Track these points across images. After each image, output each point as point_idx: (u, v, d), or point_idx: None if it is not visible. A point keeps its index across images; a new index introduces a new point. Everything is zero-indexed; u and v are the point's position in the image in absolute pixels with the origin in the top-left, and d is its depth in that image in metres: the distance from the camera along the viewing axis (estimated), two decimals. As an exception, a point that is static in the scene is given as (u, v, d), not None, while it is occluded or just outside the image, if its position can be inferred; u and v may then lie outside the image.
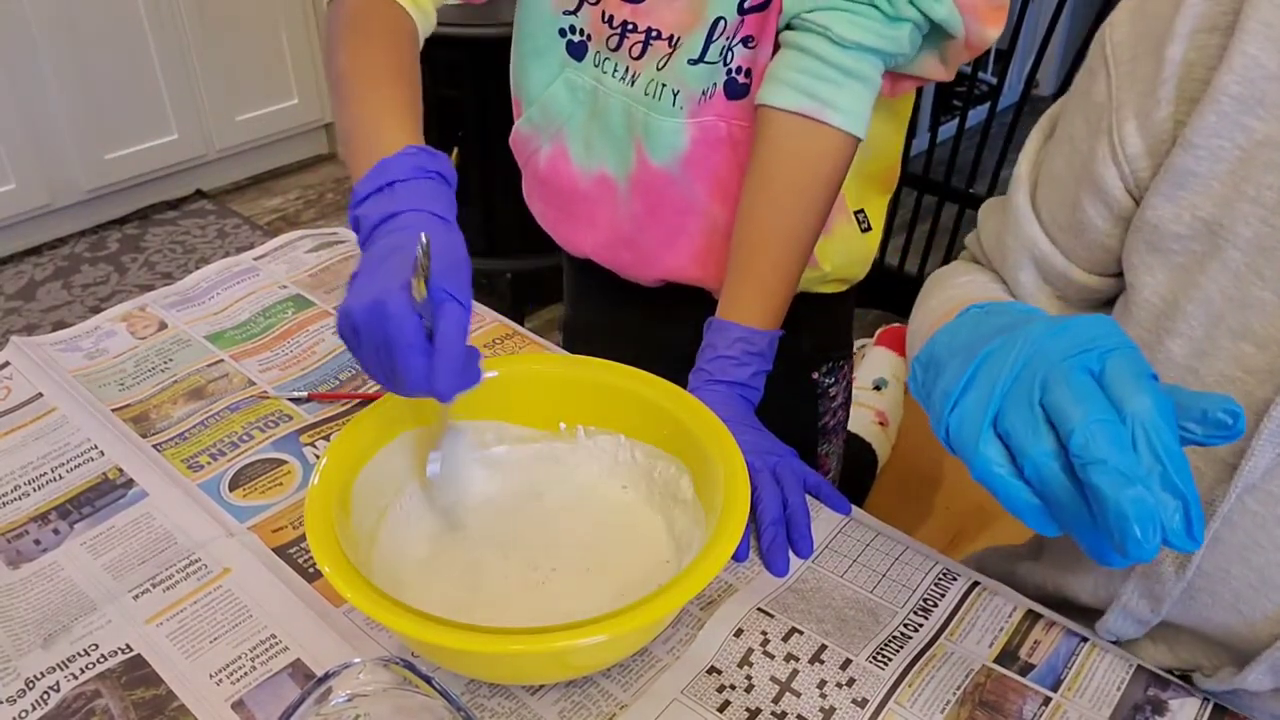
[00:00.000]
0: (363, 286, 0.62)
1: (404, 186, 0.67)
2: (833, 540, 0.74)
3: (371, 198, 0.68)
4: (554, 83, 0.91)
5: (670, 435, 0.71)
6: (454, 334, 0.60)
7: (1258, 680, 0.60)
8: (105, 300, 2.46)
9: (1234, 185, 0.55)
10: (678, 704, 0.62)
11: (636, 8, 0.84)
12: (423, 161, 0.69)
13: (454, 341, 0.60)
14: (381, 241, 0.65)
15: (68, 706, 0.62)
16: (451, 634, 0.54)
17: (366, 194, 0.68)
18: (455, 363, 0.60)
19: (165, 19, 2.60)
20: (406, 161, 0.68)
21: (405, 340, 0.59)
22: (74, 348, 0.96)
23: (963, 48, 0.81)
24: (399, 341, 0.59)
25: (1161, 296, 0.59)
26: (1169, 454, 0.41)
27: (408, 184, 0.67)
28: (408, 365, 0.59)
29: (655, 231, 0.92)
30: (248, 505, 0.78)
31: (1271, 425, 0.54)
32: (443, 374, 0.59)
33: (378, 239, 0.66)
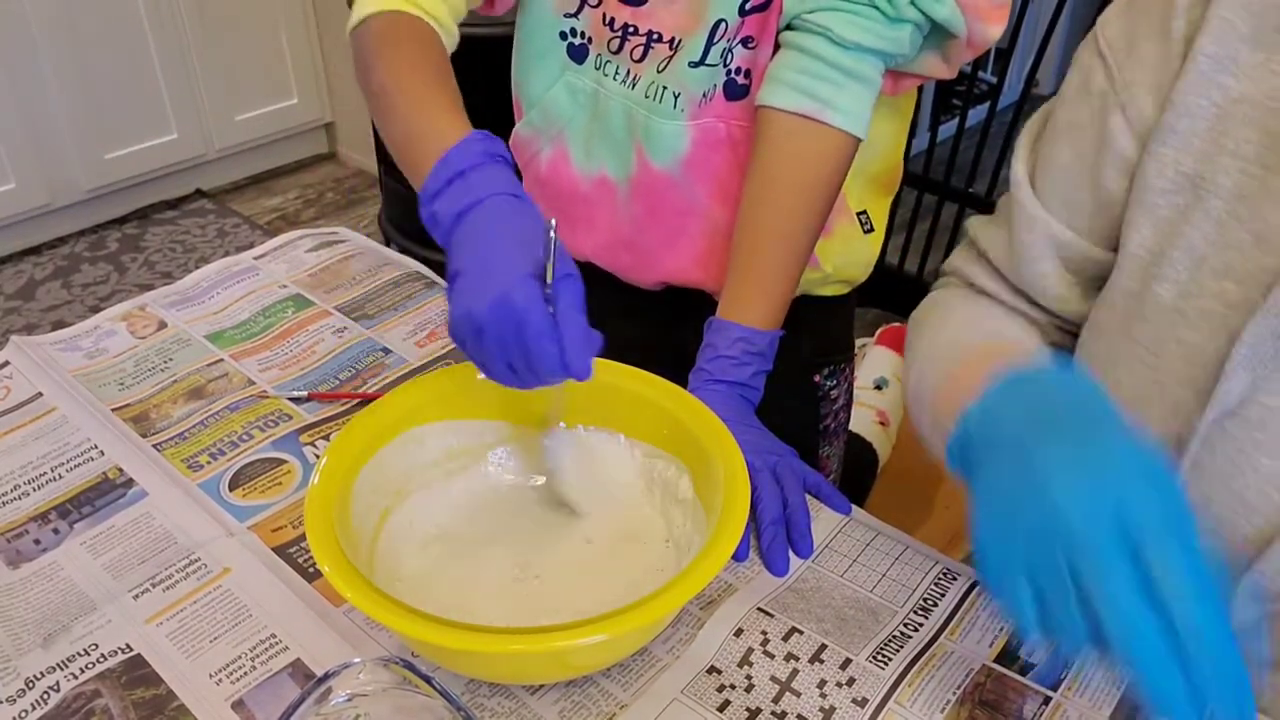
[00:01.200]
0: (480, 283, 0.62)
1: (476, 174, 0.67)
2: (833, 540, 0.74)
3: (444, 192, 0.67)
4: (555, 85, 0.91)
5: (670, 435, 0.71)
6: (579, 310, 0.61)
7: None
8: (105, 300, 2.46)
9: (1213, 140, 0.59)
10: (678, 704, 0.62)
11: (637, 10, 0.84)
12: (488, 146, 0.68)
13: (579, 317, 0.61)
14: (474, 234, 0.65)
15: (67, 706, 0.62)
16: (451, 634, 0.54)
17: (437, 189, 0.67)
18: (584, 339, 0.61)
19: (165, 18, 2.60)
20: (473, 148, 0.68)
21: (537, 329, 0.59)
22: (74, 347, 0.96)
23: (965, 46, 0.81)
24: (531, 330, 0.59)
25: (1148, 249, 0.63)
26: (1215, 658, 0.44)
27: (480, 170, 0.67)
28: (542, 352, 0.59)
29: (656, 234, 0.92)
30: (247, 505, 0.78)
31: (1244, 350, 0.57)
32: (576, 352, 0.60)
33: (466, 230, 0.65)
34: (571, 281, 0.61)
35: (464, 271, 0.63)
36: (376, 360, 0.93)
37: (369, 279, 1.05)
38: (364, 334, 0.97)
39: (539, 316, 0.59)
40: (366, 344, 0.95)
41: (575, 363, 0.60)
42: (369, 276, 1.06)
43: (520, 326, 0.59)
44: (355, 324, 0.98)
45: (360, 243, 1.12)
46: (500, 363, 0.62)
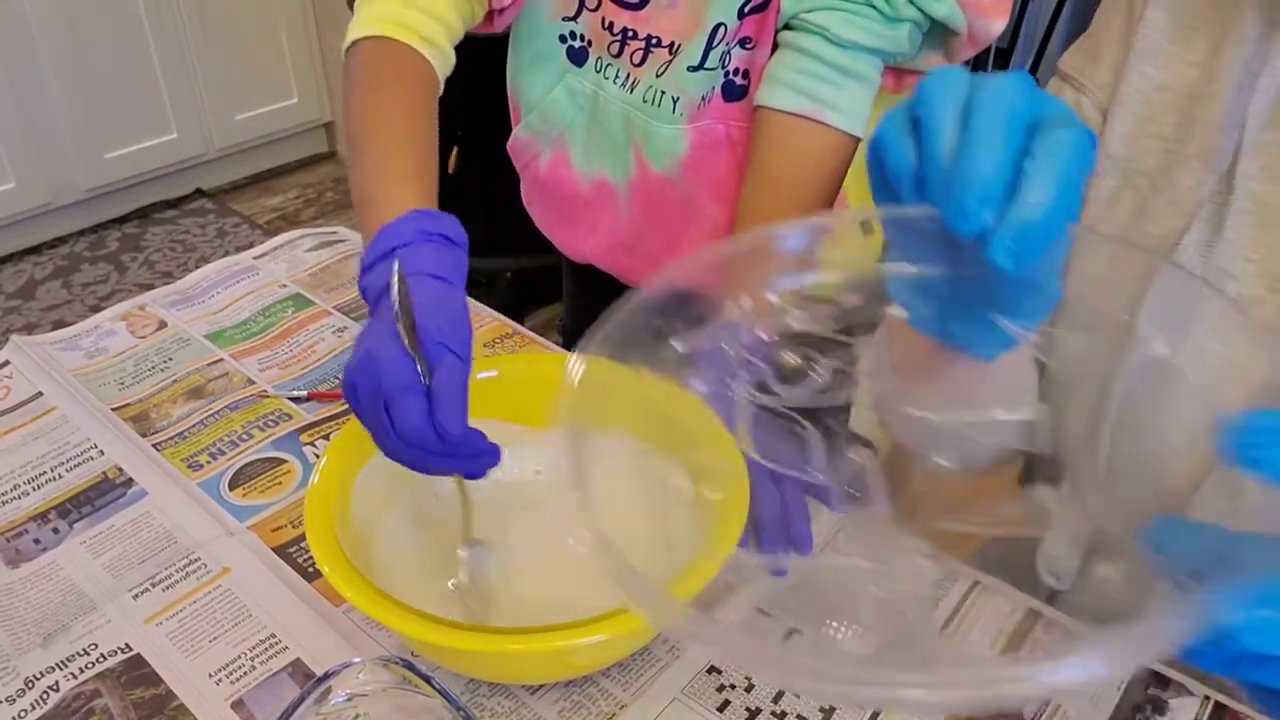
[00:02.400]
0: (357, 348, 0.60)
1: (405, 251, 0.64)
2: (832, 539, 0.74)
3: (375, 267, 0.65)
4: (555, 88, 0.91)
5: (669, 434, 0.71)
6: (453, 382, 0.57)
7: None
8: (105, 299, 2.46)
9: (1138, 124, 0.65)
10: (678, 703, 0.62)
11: (636, 14, 0.84)
12: (423, 224, 0.66)
13: (454, 389, 0.57)
14: (380, 310, 0.63)
15: (67, 706, 0.62)
16: (451, 633, 0.54)
17: (370, 263, 0.66)
18: (458, 409, 0.56)
19: (165, 18, 2.60)
20: (407, 226, 0.66)
21: (399, 383, 0.56)
22: (74, 347, 0.96)
23: (966, 42, 0.81)
24: (393, 384, 0.56)
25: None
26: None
27: (409, 249, 0.65)
28: (405, 407, 0.56)
29: (656, 236, 0.92)
30: (247, 504, 0.78)
31: (1149, 304, 0.58)
32: (447, 417, 0.56)
33: (379, 309, 0.63)
34: (452, 358, 0.58)
35: (356, 343, 0.61)
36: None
37: (369, 278, 1.05)
38: (363, 333, 0.97)
39: (401, 371, 0.56)
40: (366, 343, 0.95)
41: (448, 424, 0.55)
42: (369, 276, 1.06)
43: (380, 382, 0.56)
44: (355, 323, 0.98)
45: (360, 242, 1.12)
46: (375, 430, 0.59)
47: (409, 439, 0.57)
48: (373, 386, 0.57)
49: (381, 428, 0.57)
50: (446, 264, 0.65)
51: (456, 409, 0.56)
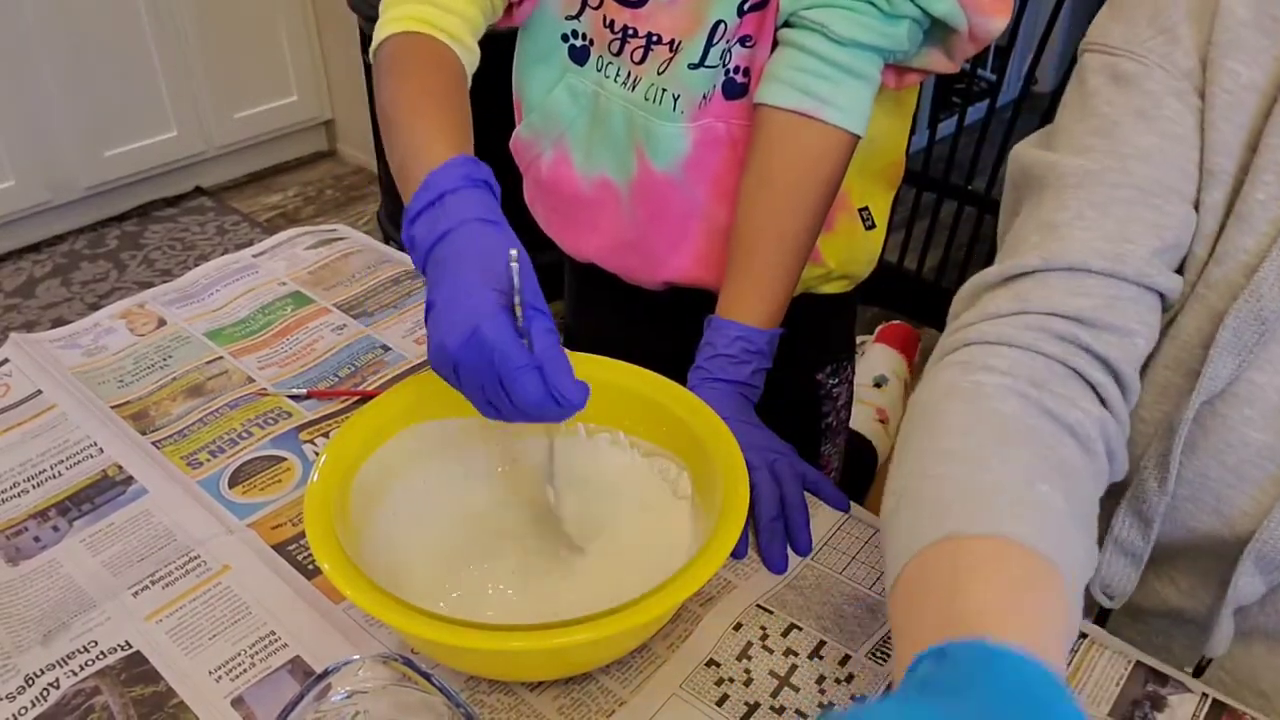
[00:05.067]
0: (450, 317, 0.61)
1: (452, 198, 0.66)
2: (832, 537, 0.74)
3: (423, 215, 0.67)
4: (556, 87, 0.91)
5: (669, 432, 0.71)
6: (556, 347, 0.60)
7: (1248, 584, 0.62)
8: (104, 297, 2.46)
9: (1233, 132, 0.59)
10: (676, 699, 0.62)
11: (636, 12, 0.84)
12: (469, 170, 0.68)
13: (559, 354, 0.59)
14: (446, 263, 0.64)
15: (67, 704, 0.62)
16: (451, 631, 0.55)
17: (417, 211, 0.67)
18: (569, 373, 0.59)
19: (164, 16, 2.59)
20: (453, 172, 0.68)
21: (514, 363, 0.58)
22: (73, 345, 0.96)
23: (967, 40, 0.81)
24: (509, 366, 0.58)
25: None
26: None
27: (456, 194, 0.66)
28: (524, 387, 0.58)
29: (659, 235, 0.92)
30: (247, 502, 0.78)
31: (1227, 334, 0.57)
32: (564, 384, 0.59)
33: (437, 260, 0.65)
34: (541, 316, 0.60)
35: (435, 304, 0.63)
36: (376, 357, 0.93)
37: (368, 276, 1.05)
38: (363, 331, 0.97)
39: (512, 349, 0.58)
40: (366, 341, 0.95)
41: (565, 392, 0.59)
42: (368, 274, 1.06)
43: (494, 361, 0.58)
44: (354, 321, 0.98)
45: (360, 240, 1.12)
46: (481, 398, 0.61)
47: (530, 411, 0.60)
48: (483, 364, 0.59)
49: (494, 400, 0.60)
50: (494, 209, 0.67)
51: (568, 374, 0.59)
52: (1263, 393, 0.58)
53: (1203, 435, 0.61)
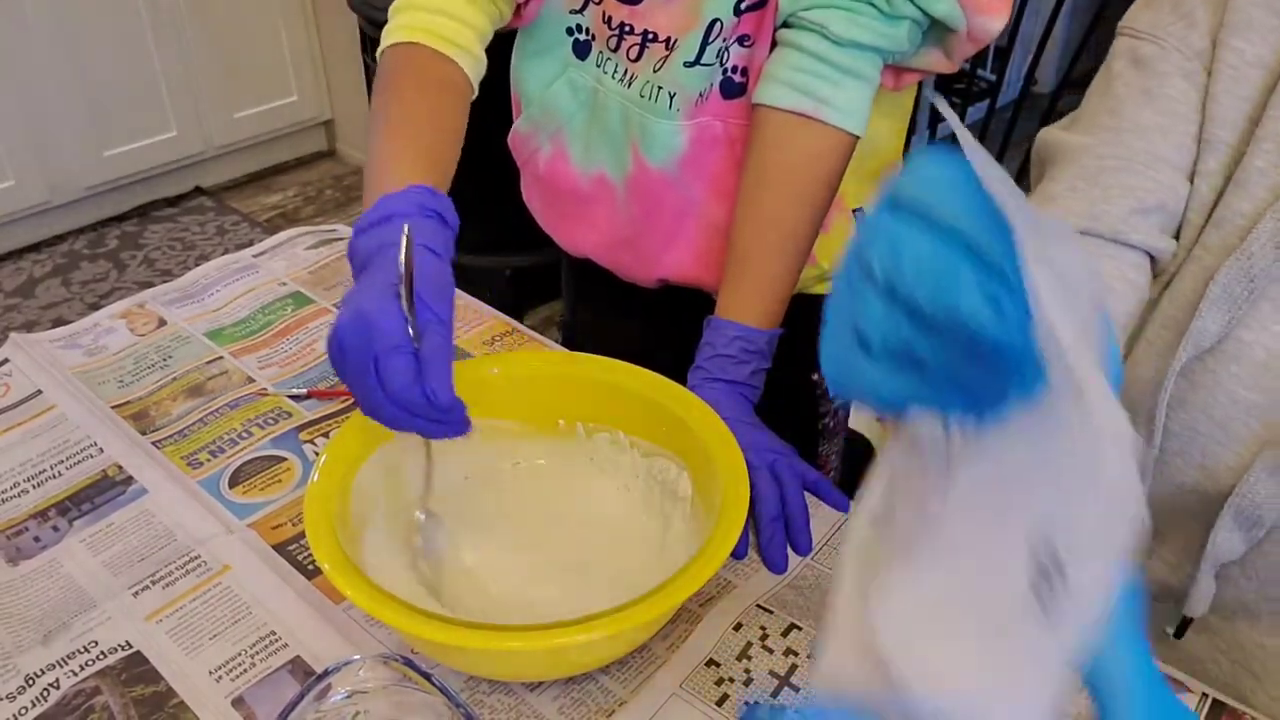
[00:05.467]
0: (346, 306, 0.61)
1: (400, 221, 0.66)
2: (832, 537, 0.74)
3: (369, 231, 0.67)
4: (556, 81, 0.91)
5: (669, 432, 0.71)
6: (444, 349, 0.59)
7: (1227, 540, 0.63)
8: (104, 297, 2.46)
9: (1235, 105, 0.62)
10: (676, 698, 0.62)
11: (634, 9, 0.84)
12: (424, 200, 0.68)
13: (444, 355, 0.58)
14: (369, 270, 0.65)
15: (67, 703, 0.62)
16: (451, 631, 0.55)
17: (365, 226, 0.68)
18: (446, 374, 0.58)
19: (164, 16, 2.59)
20: (409, 197, 0.68)
21: (390, 341, 0.57)
22: (73, 345, 0.96)
23: (966, 40, 0.81)
24: (385, 344, 0.57)
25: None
26: None
27: (408, 219, 0.66)
28: (395, 370, 0.57)
29: (654, 233, 0.92)
30: (247, 502, 0.78)
31: (1217, 289, 0.59)
32: (438, 382, 0.58)
33: (369, 269, 0.65)
34: (438, 324, 0.60)
35: (345, 300, 0.63)
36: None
37: (368, 276, 1.05)
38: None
39: (393, 330, 0.57)
40: (366, 341, 0.95)
41: (437, 389, 0.57)
42: (368, 274, 1.06)
43: (372, 339, 0.58)
44: (354, 321, 0.98)
45: (359, 240, 1.12)
46: (359, 387, 0.60)
47: (396, 397, 0.58)
48: (362, 343, 0.58)
49: (367, 385, 0.59)
50: (439, 240, 0.67)
51: (445, 375, 0.58)
52: (1250, 350, 0.60)
53: (1192, 390, 0.62)
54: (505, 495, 0.75)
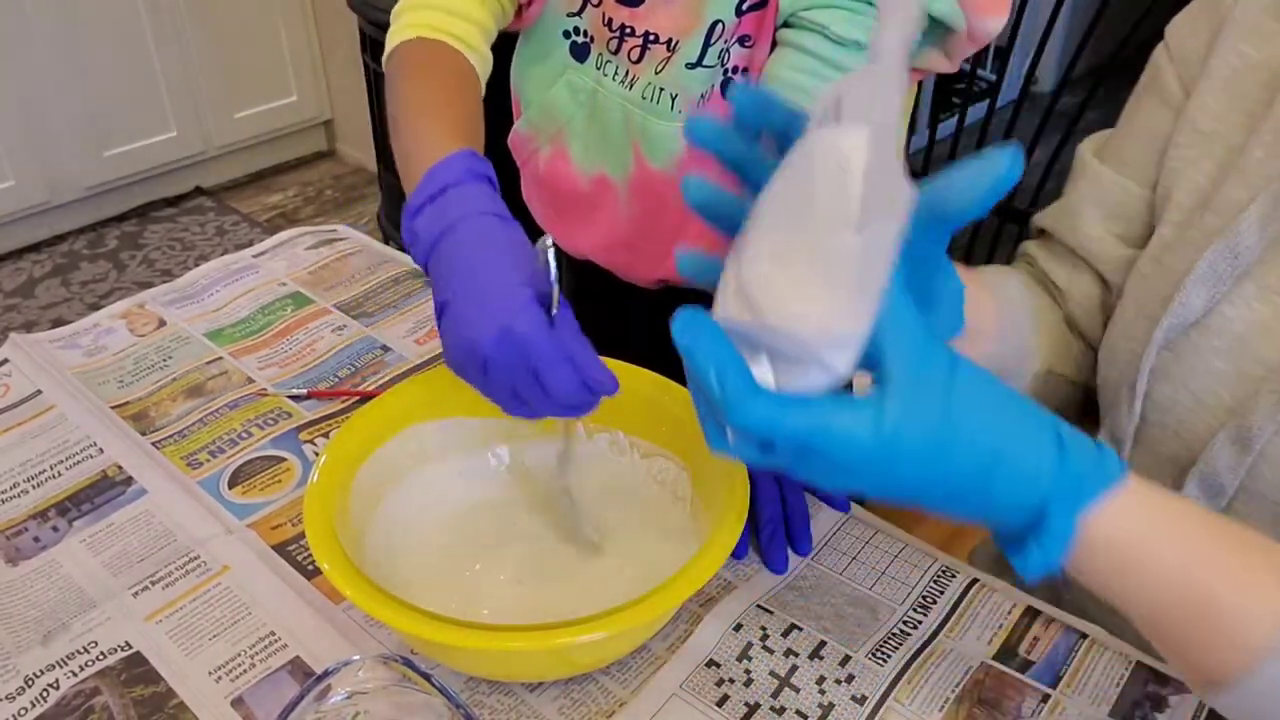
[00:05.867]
0: (474, 315, 0.60)
1: (455, 191, 0.65)
2: (832, 537, 0.74)
3: (425, 209, 0.65)
4: (555, 84, 0.91)
5: (669, 432, 0.71)
6: (579, 332, 0.60)
7: (1190, 493, 0.65)
8: (104, 297, 2.46)
9: (1228, 101, 0.65)
10: (676, 699, 0.62)
11: (634, 11, 0.84)
12: (471, 165, 0.67)
13: (584, 339, 0.59)
14: (455, 259, 0.63)
15: (67, 704, 0.62)
16: (451, 631, 0.54)
17: (419, 204, 0.66)
18: (595, 356, 0.59)
19: (164, 16, 2.59)
20: (455, 165, 0.67)
21: (551, 358, 0.57)
22: (73, 345, 0.96)
23: (965, 40, 0.81)
24: (545, 361, 0.57)
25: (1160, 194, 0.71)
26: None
27: (460, 188, 0.65)
28: (560, 380, 0.58)
29: (655, 234, 0.92)
30: (247, 502, 0.78)
31: (1203, 266, 0.62)
32: (596, 372, 0.59)
33: (445, 256, 0.63)
34: (563, 308, 0.60)
35: (455, 299, 0.61)
36: (376, 358, 0.93)
37: (368, 276, 1.05)
38: (363, 331, 0.97)
39: (549, 345, 0.58)
40: (366, 341, 0.95)
41: (599, 380, 0.59)
42: (368, 274, 1.06)
43: (530, 357, 0.58)
44: (354, 321, 0.98)
45: (359, 240, 1.12)
46: (510, 395, 0.60)
47: (566, 402, 0.59)
48: (518, 360, 0.58)
49: (525, 395, 0.60)
50: (498, 202, 0.66)
51: (597, 361, 0.60)
52: (1230, 325, 0.62)
53: (1175, 362, 0.64)
54: (505, 496, 0.74)
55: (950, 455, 0.43)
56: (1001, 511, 0.46)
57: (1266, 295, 0.60)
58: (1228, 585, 0.47)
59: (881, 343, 0.42)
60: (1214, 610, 0.47)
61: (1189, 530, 0.48)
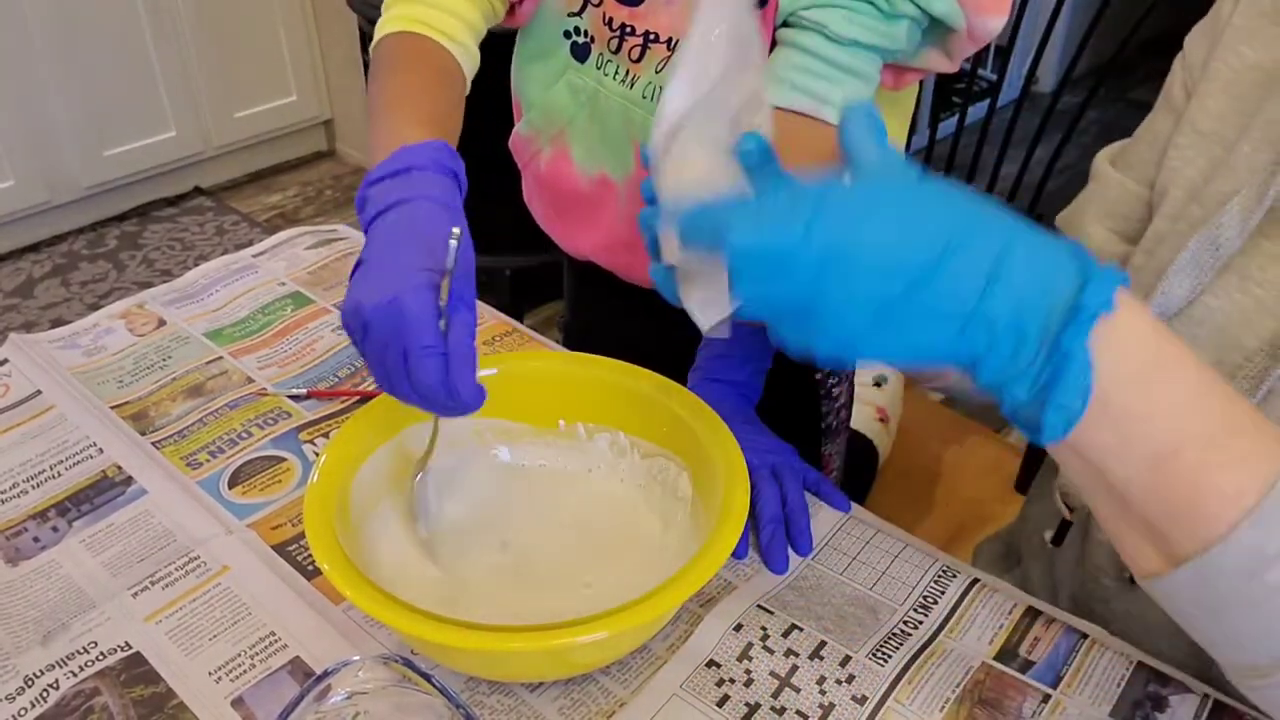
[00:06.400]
0: (375, 280, 0.60)
1: (420, 175, 0.66)
2: (832, 538, 0.74)
3: (385, 181, 0.66)
4: (556, 84, 0.91)
5: (670, 432, 0.71)
6: (468, 345, 0.58)
7: None
8: (104, 297, 2.46)
9: (1227, 101, 0.67)
10: (677, 699, 0.62)
11: (634, 10, 0.84)
12: (441, 157, 0.67)
13: (468, 351, 0.58)
14: (390, 228, 0.63)
15: (67, 704, 0.62)
16: (451, 631, 0.54)
17: (380, 177, 0.66)
18: (470, 370, 0.58)
19: (163, 15, 2.59)
20: (427, 151, 0.67)
21: (422, 342, 0.57)
22: (72, 345, 0.95)
23: (965, 40, 0.81)
24: (417, 343, 0.57)
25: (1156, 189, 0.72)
26: None
27: (424, 173, 0.66)
28: (425, 368, 0.57)
29: None
30: (247, 503, 0.77)
31: (1186, 255, 0.63)
32: (463, 379, 0.57)
33: (384, 222, 0.64)
34: (465, 310, 0.59)
35: (368, 262, 0.62)
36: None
37: (368, 276, 1.05)
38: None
39: (426, 327, 0.57)
40: (365, 341, 0.95)
41: (461, 388, 0.57)
42: (368, 274, 1.05)
43: (405, 333, 0.57)
44: (354, 321, 0.98)
45: (359, 240, 1.12)
46: (380, 366, 0.60)
47: (424, 392, 0.58)
48: (393, 333, 0.58)
49: (392, 370, 0.59)
50: (453, 195, 0.66)
51: (470, 372, 0.58)
52: (1212, 315, 0.63)
53: None
54: (505, 496, 0.74)
55: (922, 218, 0.44)
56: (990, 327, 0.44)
57: (1247, 286, 0.62)
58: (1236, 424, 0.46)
59: (852, 149, 0.47)
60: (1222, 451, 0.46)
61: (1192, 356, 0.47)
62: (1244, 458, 0.46)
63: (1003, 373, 0.46)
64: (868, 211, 0.44)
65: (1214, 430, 0.46)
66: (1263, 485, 0.45)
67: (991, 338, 0.44)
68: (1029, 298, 0.44)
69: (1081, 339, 0.44)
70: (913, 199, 0.45)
